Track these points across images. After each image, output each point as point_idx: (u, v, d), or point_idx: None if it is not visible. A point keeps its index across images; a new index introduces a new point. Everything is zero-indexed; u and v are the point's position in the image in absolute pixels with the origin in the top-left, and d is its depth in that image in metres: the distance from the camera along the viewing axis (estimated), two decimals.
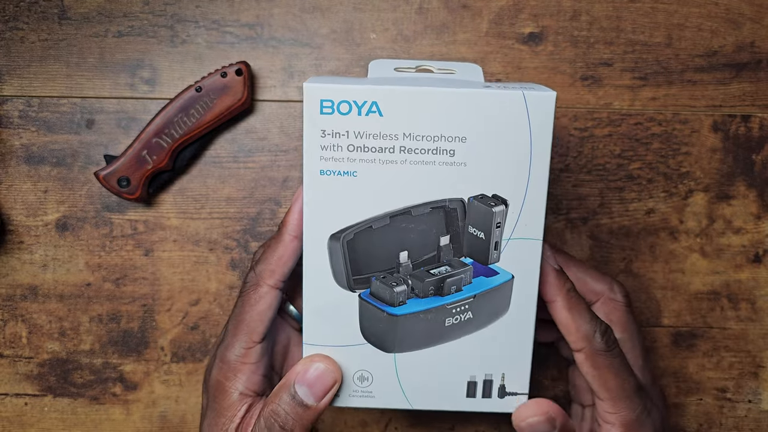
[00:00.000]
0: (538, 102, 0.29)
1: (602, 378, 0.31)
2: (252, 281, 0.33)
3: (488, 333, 0.31)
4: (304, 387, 0.31)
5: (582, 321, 0.31)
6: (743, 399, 0.45)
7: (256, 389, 0.33)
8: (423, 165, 0.29)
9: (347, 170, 0.30)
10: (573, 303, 0.31)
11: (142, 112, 0.42)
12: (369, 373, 0.32)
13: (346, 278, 0.31)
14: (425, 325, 0.31)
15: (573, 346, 0.32)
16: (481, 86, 0.30)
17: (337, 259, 0.30)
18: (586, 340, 0.31)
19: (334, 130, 0.29)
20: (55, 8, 0.42)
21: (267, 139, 0.42)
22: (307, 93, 0.29)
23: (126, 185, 0.40)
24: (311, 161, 0.30)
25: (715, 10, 0.42)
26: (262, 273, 0.32)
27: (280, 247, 0.32)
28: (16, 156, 0.42)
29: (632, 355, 0.35)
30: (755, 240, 0.43)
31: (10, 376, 0.44)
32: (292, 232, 0.32)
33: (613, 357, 0.31)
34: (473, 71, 0.33)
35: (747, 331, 0.44)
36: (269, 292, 0.32)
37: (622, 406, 0.32)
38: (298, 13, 0.42)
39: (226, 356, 0.33)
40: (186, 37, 0.42)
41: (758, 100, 0.42)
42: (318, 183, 0.30)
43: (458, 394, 0.32)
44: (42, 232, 0.43)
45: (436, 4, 0.42)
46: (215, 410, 0.33)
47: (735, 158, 0.43)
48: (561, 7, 0.42)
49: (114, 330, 0.43)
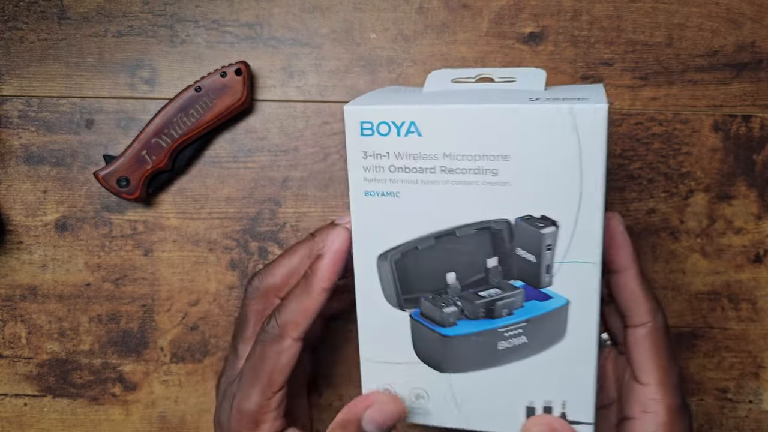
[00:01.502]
0: (587, 115, 0.27)
1: (658, 357, 0.30)
2: (274, 332, 0.31)
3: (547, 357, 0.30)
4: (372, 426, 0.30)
5: (651, 294, 0.30)
6: (744, 399, 0.45)
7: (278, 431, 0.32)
8: (465, 185, 0.28)
9: (390, 191, 0.29)
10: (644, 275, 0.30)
11: (142, 112, 0.42)
12: (425, 391, 0.32)
13: (396, 297, 0.30)
14: (477, 347, 0.30)
15: (637, 319, 0.30)
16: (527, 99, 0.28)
17: (387, 279, 0.30)
18: (652, 314, 0.30)
19: (375, 151, 0.29)
20: (55, 8, 0.41)
21: (267, 139, 0.42)
22: (348, 115, 0.29)
23: (125, 185, 0.40)
24: (356, 182, 0.29)
25: (716, 10, 0.42)
26: (286, 326, 0.31)
27: (307, 300, 0.31)
28: (16, 156, 0.42)
29: None
30: (756, 240, 0.43)
31: (9, 377, 0.44)
32: (323, 284, 0.31)
33: (669, 339, 0.30)
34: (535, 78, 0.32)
35: (748, 331, 0.44)
36: (293, 346, 0.31)
37: (669, 391, 0.30)
38: (298, 12, 0.42)
39: (243, 407, 0.32)
40: (186, 37, 0.42)
41: (759, 100, 0.42)
42: (364, 204, 0.30)
43: (516, 418, 0.31)
44: (41, 232, 0.43)
45: (437, 4, 0.41)
46: None
47: (736, 158, 0.43)
48: (561, 7, 0.42)
49: (113, 330, 0.43)
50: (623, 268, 0.30)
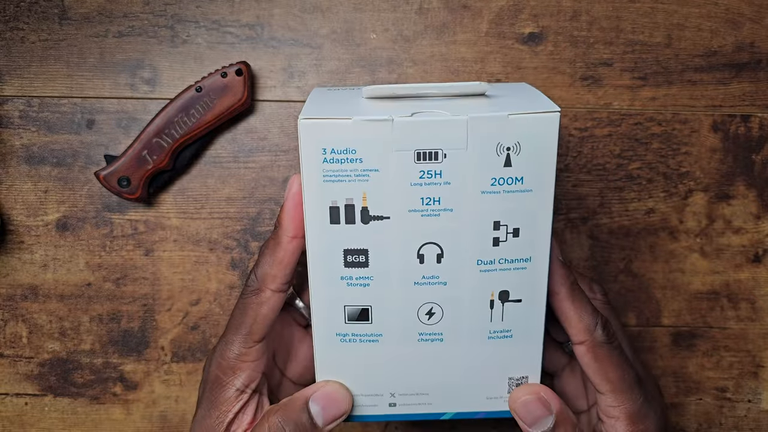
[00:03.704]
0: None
1: (603, 370, 0.31)
2: (253, 285, 0.32)
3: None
4: (317, 407, 0.31)
5: (584, 313, 0.31)
6: (743, 399, 0.45)
7: (253, 386, 0.33)
8: None
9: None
10: (576, 295, 0.31)
11: (143, 112, 0.42)
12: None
13: None
14: None
15: (575, 338, 0.32)
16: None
17: None
18: (588, 332, 0.31)
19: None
20: (56, 8, 0.42)
21: (267, 139, 0.42)
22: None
23: (126, 185, 0.40)
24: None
25: (715, 10, 0.42)
26: (264, 278, 0.32)
27: (279, 251, 0.32)
28: (17, 156, 0.42)
29: None
30: (755, 240, 0.43)
31: (10, 376, 0.44)
32: (289, 233, 0.31)
33: (613, 349, 0.31)
34: None
35: (747, 330, 0.44)
36: (272, 297, 0.32)
37: (625, 398, 0.32)
38: (298, 13, 0.42)
39: (225, 353, 0.33)
40: (186, 37, 0.42)
41: (758, 100, 0.43)
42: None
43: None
44: (42, 232, 0.43)
45: (436, 4, 0.42)
46: (211, 402, 0.33)
47: (735, 158, 0.43)
48: (561, 7, 0.42)
49: (114, 330, 0.43)
50: (553, 293, 0.32)
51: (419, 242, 0.30)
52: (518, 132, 0.28)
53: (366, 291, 0.31)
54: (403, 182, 0.29)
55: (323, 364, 0.32)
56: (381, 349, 0.32)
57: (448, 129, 0.28)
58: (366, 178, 0.29)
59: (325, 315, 0.31)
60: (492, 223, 0.30)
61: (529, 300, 0.31)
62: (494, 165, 0.29)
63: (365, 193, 0.29)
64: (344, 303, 0.31)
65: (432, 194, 0.29)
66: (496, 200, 0.29)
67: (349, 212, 0.30)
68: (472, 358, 0.32)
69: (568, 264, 0.32)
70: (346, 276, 0.31)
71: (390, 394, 0.33)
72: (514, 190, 0.29)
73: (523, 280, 0.31)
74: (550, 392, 0.32)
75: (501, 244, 0.30)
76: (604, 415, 0.32)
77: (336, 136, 0.28)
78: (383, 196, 0.29)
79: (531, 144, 0.29)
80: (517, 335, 0.32)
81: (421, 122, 0.28)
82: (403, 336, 0.32)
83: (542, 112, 0.28)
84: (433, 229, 0.30)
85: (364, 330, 0.32)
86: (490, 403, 0.33)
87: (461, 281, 0.31)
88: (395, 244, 0.30)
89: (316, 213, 0.30)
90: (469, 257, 0.30)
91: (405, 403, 0.33)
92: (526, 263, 0.30)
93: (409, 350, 0.32)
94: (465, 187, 0.29)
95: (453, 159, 0.29)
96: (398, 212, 0.29)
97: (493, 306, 0.31)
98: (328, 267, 0.31)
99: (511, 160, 0.29)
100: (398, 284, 0.31)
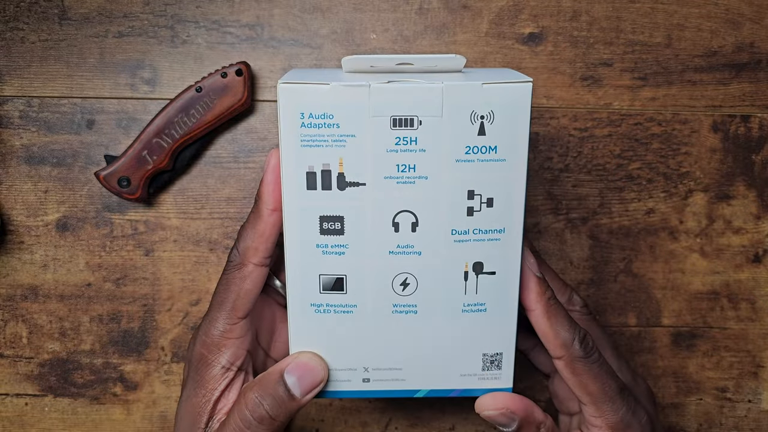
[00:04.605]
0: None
1: (583, 384, 0.32)
2: (236, 260, 0.32)
3: None
4: (293, 377, 0.31)
5: (561, 329, 0.31)
6: (743, 399, 0.45)
7: (238, 364, 0.33)
8: None
9: None
10: (552, 311, 0.32)
11: (143, 113, 0.42)
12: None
13: None
14: None
15: (552, 353, 0.32)
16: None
17: None
18: (564, 348, 0.31)
19: None
20: (56, 8, 0.42)
21: (267, 139, 0.42)
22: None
23: (126, 185, 0.40)
24: None
25: (715, 11, 0.42)
26: (246, 252, 0.32)
27: (260, 224, 0.31)
28: (17, 156, 0.42)
29: None
30: (755, 240, 0.43)
31: (10, 376, 0.44)
32: (269, 206, 0.31)
33: (591, 363, 0.32)
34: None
35: (747, 331, 0.44)
36: (254, 271, 0.32)
37: (606, 409, 0.32)
38: (298, 13, 0.42)
39: (209, 331, 0.33)
40: (186, 38, 0.42)
41: (758, 100, 0.43)
42: None
43: None
44: (42, 232, 0.43)
45: (436, 5, 0.42)
46: (196, 381, 0.33)
47: (735, 158, 0.43)
48: (561, 8, 0.42)
49: (114, 330, 0.43)
50: (529, 309, 0.32)
51: (394, 210, 0.30)
52: (492, 101, 0.29)
53: (341, 260, 0.31)
54: (380, 148, 0.29)
55: (297, 336, 0.32)
56: (355, 321, 0.32)
57: (423, 95, 0.29)
58: (343, 144, 0.29)
59: (300, 284, 0.31)
60: (466, 192, 0.30)
61: (503, 273, 0.31)
62: (468, 133, 0.29)
63: (342, 158, 0.29)
64: (319, 272, 0.31)
65: (407, 161, 0.29)
66: (470, 169, 0.30)
67: (325, 178, 0.30)
68: (445, 331, 0.32)
69: (544, 277, 0.32)
70: (322, 244, 0.31)
71: (364, 368, 0.33)
72: (488, 159, 0.30)
73: (498, 251, 0.31)
74: (517, 399, 0.32)
75: (475, 213, 0.30)
76: (589, 425, 0.33)
77: (314, 101, 0.29)
78: (359, 162, 0.29)
79: (504, 113, 0.29)
80: (491, 309, 0.32)
81: (397, 88, 0.29)
82: (378, 307, 0.32)
83: (515, 82, 0.29)
84: (409, 197, 0.30)
85: (339, 300, 0.32)
86: (463, 380, 0.33)
87: (436, 251, 0.31)
88: (371, 211, 0.30)
89: (293, 179, 0.30)
90: (443, 227, 0.30)
91: (379, 378, 0.33)
92: (500, 234, 0.31)
93: (384, 322, 0.32)
94: (440, 155, 0.29)
95: (428, 126, 0.29)
96: (374, 179, 0.30)
97: (467, 278, 0.31)
98: (304, 234, 0.31)
99: (485, 128, 0.29)
100: (373, 253, 0.31)
